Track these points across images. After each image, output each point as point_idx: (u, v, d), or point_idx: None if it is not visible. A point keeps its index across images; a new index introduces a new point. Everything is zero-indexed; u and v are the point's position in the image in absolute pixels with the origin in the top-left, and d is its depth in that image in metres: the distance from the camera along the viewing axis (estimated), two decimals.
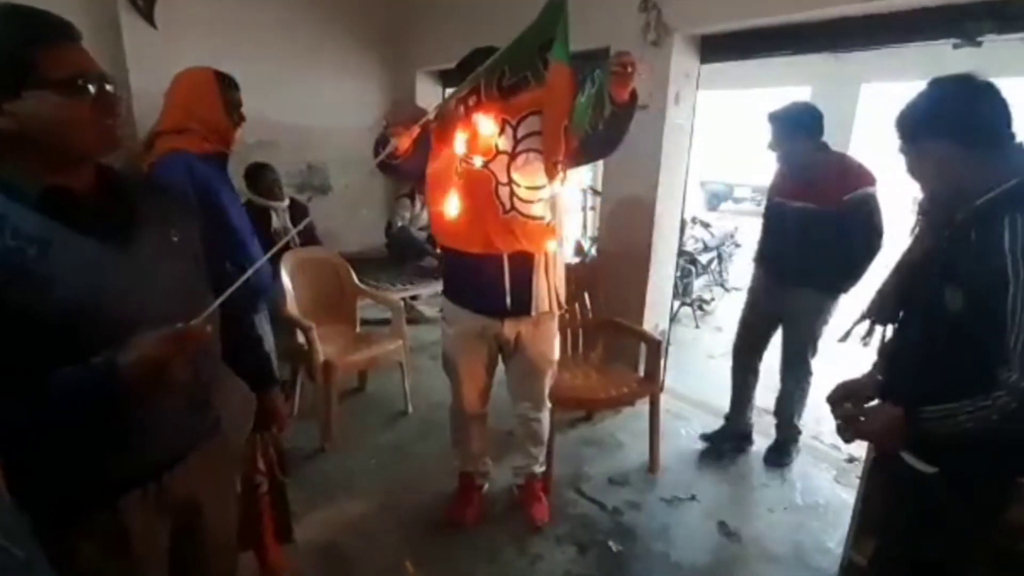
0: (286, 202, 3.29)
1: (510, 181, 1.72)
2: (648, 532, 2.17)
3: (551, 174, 1.71)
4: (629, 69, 1.41)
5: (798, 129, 2.27)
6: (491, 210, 1.73)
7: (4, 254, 0.74)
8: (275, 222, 3.15)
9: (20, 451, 0.82)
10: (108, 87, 0.82)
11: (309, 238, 3.41)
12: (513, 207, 1.73)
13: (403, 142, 1.48)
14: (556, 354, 2.06)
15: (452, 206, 1.70)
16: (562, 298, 1.94)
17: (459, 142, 1.64)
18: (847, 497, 2.33)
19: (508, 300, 1.81)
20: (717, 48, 2.74)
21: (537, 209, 1.76)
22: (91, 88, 0.79)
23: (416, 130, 1.48)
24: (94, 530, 0.88)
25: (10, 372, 0.74)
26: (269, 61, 3.77)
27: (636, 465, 2.59)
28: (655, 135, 2.76)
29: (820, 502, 2.38)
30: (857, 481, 2.06)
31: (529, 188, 1.73)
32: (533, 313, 1.86)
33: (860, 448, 2.62)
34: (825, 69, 4.48)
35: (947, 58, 2.63)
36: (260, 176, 3.18)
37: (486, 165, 1.70)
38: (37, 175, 0.79)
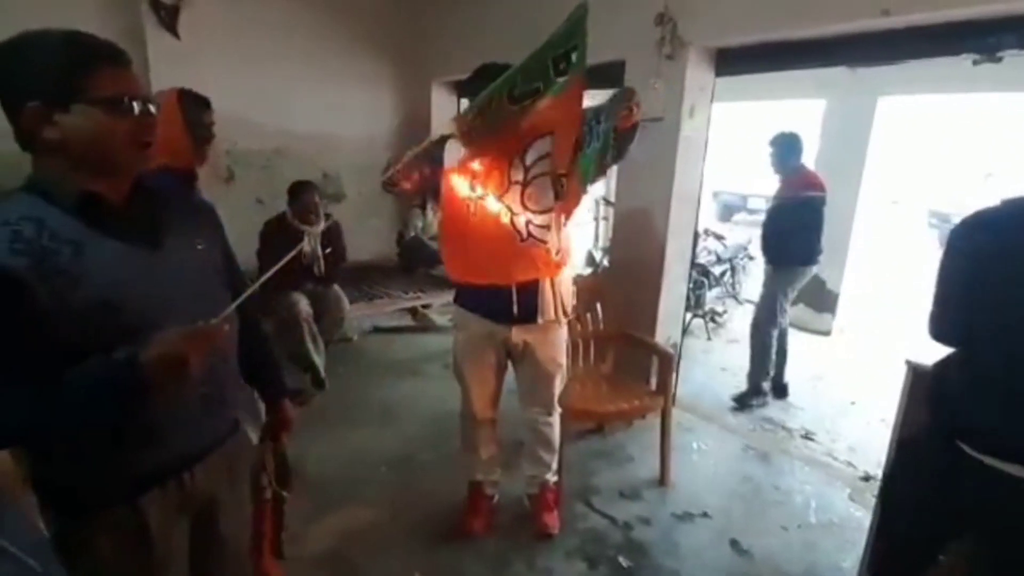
0: (320, 226, 3.16)
1: (525, 210, 1.78)
2: (659, 548, 2.15)
3: (557, 190, 1.74)
4: (635, 109, 1.65)
5: (791, 150, 3.21)
6: (509, 240, 1.78)
7: (41, 254, 0.79)
8: (306, 246, 3.06)
9: (42, 442, 0.85)
10: (150, 108, 0.88)
11: (338, 259, 3.33)
12: (530, 234, 1.79)
13: (406, 188, 1.79)
14: (564, 358, 2.08)
15: (471, 248, 1.83)
16: (568, 308, 1.98)
17: (470, 186, 1.77)
18: (861, 516, 2.29)
19: (515, 308, 1.85)
20: (732, 61, 2.74)
21: (553, 235, 1.81)
22: (134, 107, 0.85)
23: (416, 178, 1.72)
24: (114, 526, 0.90)
25: (37, 365, 0.78)
26: (287, 71, 3.85)
27: (647, 479, 2.56)
28: (669, 147, 2.75)
29: (834, 520, 2.34)
30: (872, 500, 2.02)
31: (543, 212, 1.78)
32: (540, 321, 1.90)
33: (876, 466, 2.58)
34: (841, 81, 4.42)
35: (966, 72, 2.61)
36: (297, 195, 3.12)
37: (500, 199, 1.76)
38: (76, 182, 0.84)
